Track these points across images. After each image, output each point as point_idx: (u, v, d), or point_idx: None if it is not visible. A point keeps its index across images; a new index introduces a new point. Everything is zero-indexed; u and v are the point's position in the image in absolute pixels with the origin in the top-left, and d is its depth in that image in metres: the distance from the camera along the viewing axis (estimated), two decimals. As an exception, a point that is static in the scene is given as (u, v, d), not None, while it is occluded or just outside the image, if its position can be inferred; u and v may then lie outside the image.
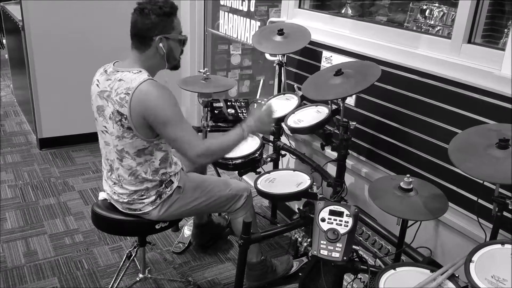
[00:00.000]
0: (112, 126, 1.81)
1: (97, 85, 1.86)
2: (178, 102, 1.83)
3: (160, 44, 1.79)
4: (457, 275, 1.38)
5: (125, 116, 1.76)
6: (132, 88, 1.73)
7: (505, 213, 1.48)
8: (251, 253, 2.25)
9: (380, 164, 2.23)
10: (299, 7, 2.77)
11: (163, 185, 1.93)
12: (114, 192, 1.94)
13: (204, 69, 2.71)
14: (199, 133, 2.77)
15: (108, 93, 1.80)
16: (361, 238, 2.05)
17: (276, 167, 2.71)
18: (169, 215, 1.99)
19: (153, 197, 1.92)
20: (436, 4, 2.29)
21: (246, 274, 2.34)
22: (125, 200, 1.92)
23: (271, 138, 2.69)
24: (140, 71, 1.79)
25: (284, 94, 2.60)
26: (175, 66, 1.92)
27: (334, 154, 2.27)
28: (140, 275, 2.22)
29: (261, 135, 2.47)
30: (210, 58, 4.03)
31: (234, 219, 2.18)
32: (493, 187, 1.49)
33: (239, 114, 2.69)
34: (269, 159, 2.62)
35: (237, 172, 2.47)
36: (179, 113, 1.78)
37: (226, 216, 2.80)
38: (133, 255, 2.18)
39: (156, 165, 1.88)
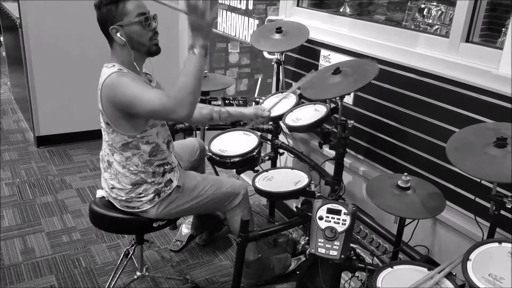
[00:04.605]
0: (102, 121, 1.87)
1: None
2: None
3: (118, 34, 1.75)
4: (454, 274, 1.38)
5: (101, 112, 1.80)
6: (101, 83, 1.76)
7: (502, 212, 1.49)
8: (248, 251, 2.25)
9: (378, 163, 2.24)
10: (298, 5, 2.78)
11: (163, 184, 1.93)
12: (112, 188, 1.94)
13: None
14: (197, 131, 2.77)
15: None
16: (358, 237, 2.05)
17: (274, 165, 2.71)
18: (167, 214, 1.99)
19: (151, 195, 1.92)
20: (434, 3, 2.29)
21: (243, 272, 2.34)
22: (123, 198, 1.92)
23: (269, 136, 2.69)
24: (113, 65, 1.79)
25: (282, 92, 2.60)
26: (149, 51, 1.82)
27: (332, 153, 2.27)
28: (138, 273, 2.22)
29: (259, 134, 2.47)
30: (208, 56, 4.02)
31: (231, 217, 2.18)
32: (491, 185, 1.50)
33: (237, 113, 2.69)
34: (267, 157, 2.62)
35: (235, 170, 2.47)
36: (139, 87, 1.71)
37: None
38: (131, 253, 2.18)
39: (145, 157, 1.89)
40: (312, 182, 2.06)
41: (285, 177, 2.15)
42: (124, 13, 1.74)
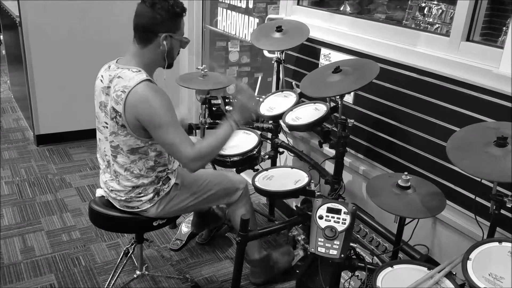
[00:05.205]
0: (110, 122, 1.82)
1: (101, 80, 1.87)
2: (174, 103, 1.81)
3: (164, 42, 1.79)
4: (454, 273, 1.38)
5: (119, 114, 1.77)
6: (129, 87, 1.74)
7: (502, 211, 1.48)
8: (253, 250, 2.25)
9: (378, 162, 2.23)
10: (298, 4, 2.77)
11: (161, 182, 1.93)
12: (111, 190, 1.93)
13: (202, 66, 2.70)
14: (197, 130, 2.77)
15: (109, 89, 1.82)
16: (358, 236, 2.05)
17: (274, 164, 2.71)
18: (167, 212, 1.98)
19: (151, 195, 1.91)
20: (435, 2, 2.29)
21: (251, 272, 2.34)
22: (123, 198, 1.92)
23: (269, 135, 2.68)
24: (140, 71, 1.79)
25: (282, 91, 2.60)
26: (170, 65, 1.92)
27: (332, 152, 2.26)
28: (138, 272, 2.21)
29: (259, 132, 2.46)
30: (208, 55, 4.02)
31: (232, 212, 2.18)
32: (491, 185, 1.49)
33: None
34: (267, 156, 2.62)
35: (235, 169, 2.47)
36: (172, 118, 1.77)
37: (224, 208, 2.80)
38: (131, 252, 2.18)
39: (150, 163, 1.88)
40: (312, 181, 2.06)
41: (285, 176, 2.15)
42: (179, 27, 1.84)
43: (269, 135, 2.68)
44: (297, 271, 2.35)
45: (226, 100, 2.68)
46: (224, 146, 1.86)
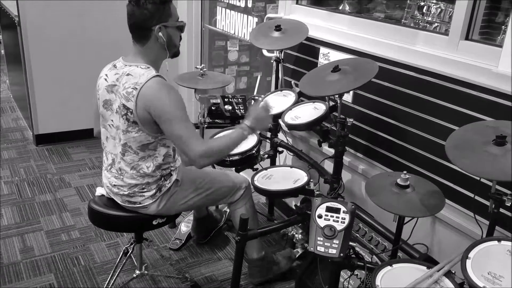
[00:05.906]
0: (118, 119, 1.83)
1: (105, 79, 1.87)
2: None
3: (160, 33, 1.79)
4: (453, 272, 1.38)
5: (130, 110, 1.77)
6: (140, 83, 1.75)
7: (501, 210, 1.48)
8: (252, 249, 2.25)
9: (377, 161, 2.23)
10: (297, 3, 2.77)
11: (163, 178, 1.93)
12: (114, 185, 1.93)
13: (201, 65, 2.70)
14: (196, 129, 2.77)
15: (116, 87, 1.82)
16: (357, 235, 2.05)
17: (273, 163, 2.71)
18: (168, 209, 1.98)
19: (153, 191, 1.92)
20: (434, 1, 2.29)
21: (249, 271, 2.33)
22: (125, 193, 1.92)
23: (268, 134, 2.68)
24: (149, 67, 1.80)
25: (281, 90, 2.60)
26: (175, 53, 1.93)
27: (331, 151, 2.26)
28: (137, 272, 2.21)
29: (258, 132, 2.46)
30: (207, 54, 4.02)
31: (233, 210, 2.19)
32: (490, 183, 1.49)
33: (236, 111, 2.69)
34: (266, 155, 2.62)
35: (234, 168, 2.47)
36: (184, 113, 1.79)
37: (223, 211, 2.80)
38: (130, 251, 2.18)
39: (159, 160, 1.89)
40: (311, 180, 2.06)
41: (284, 176, 2.15)
42: (170, 14, 1.82)
43: (268, 134, 2.68)
44: (297, 270, 2.35)
45: (225, 100, 2.68)
46: (233, 150, 1.88)
